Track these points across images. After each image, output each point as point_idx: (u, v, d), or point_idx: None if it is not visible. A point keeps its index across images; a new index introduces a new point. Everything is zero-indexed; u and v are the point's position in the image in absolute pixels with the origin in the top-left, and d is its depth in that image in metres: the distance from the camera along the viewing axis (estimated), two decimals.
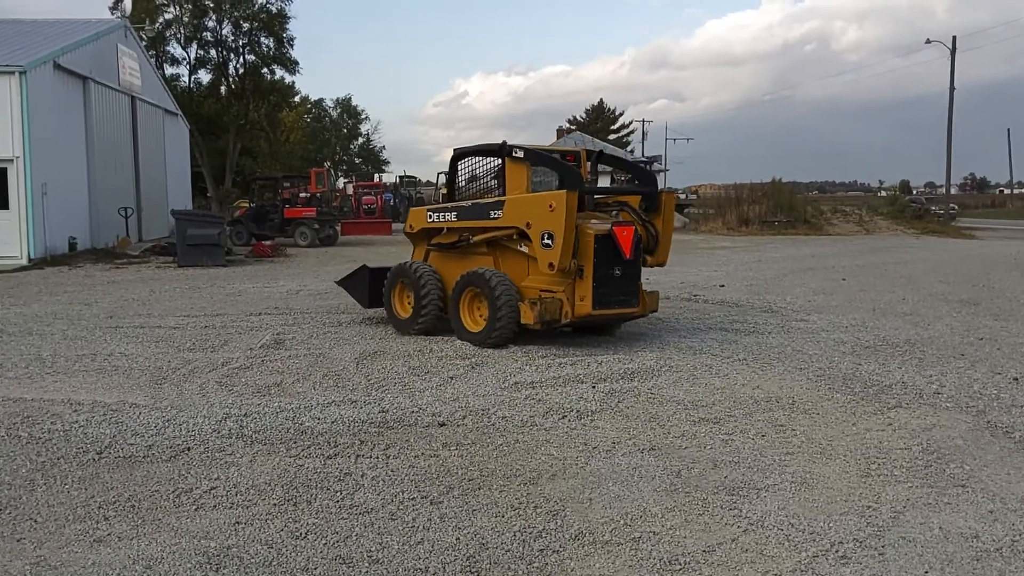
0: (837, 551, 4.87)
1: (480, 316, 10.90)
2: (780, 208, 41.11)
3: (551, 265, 10.23)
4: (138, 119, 32.98)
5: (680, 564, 4.72)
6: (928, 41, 53.48)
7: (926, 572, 4.67)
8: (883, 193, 69.23)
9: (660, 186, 11.56)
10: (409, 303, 11.69)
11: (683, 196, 66.05)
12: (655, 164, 48.71)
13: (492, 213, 10.97)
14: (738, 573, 4.66)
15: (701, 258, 24.91)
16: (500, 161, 11.43)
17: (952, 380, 9.06)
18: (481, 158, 11.87)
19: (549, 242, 10.22)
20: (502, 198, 11.04)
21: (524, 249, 10.82)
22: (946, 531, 5.17)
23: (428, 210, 11.73)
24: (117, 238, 28.47)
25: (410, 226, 11.93)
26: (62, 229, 25.25)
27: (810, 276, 19.43)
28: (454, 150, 12.24)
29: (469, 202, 11.36)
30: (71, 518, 5.34)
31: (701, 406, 7.95)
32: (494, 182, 11.65)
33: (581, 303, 10.46)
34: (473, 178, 11.98)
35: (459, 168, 12.14)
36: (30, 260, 23.26)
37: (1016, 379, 9.17)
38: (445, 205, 11.61)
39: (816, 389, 8.64)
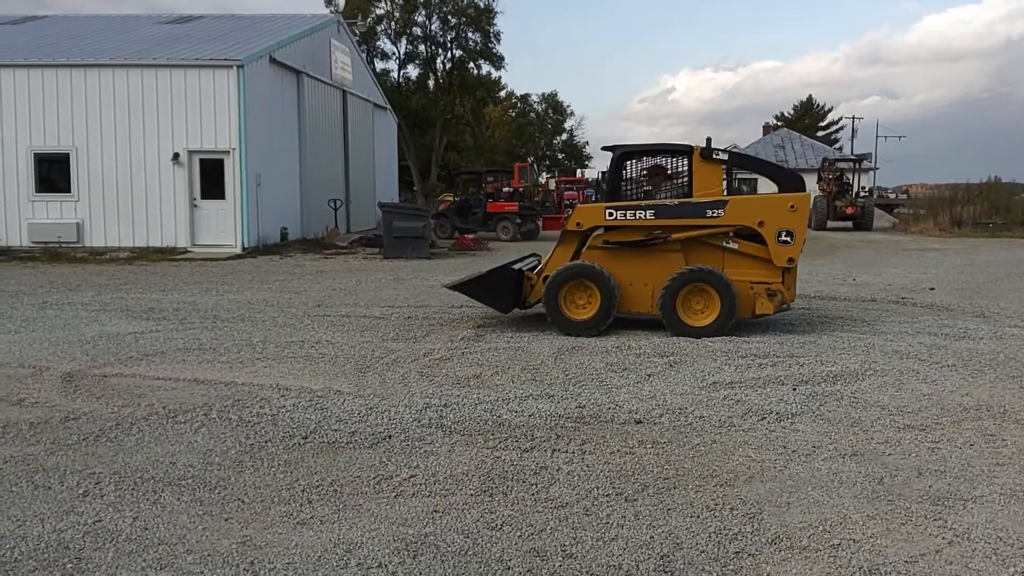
0: None
1: (700, 311, 11.32)
2: (996, 209, 39.31)
3: (791, 259, 11.38)
4: (348, 113, 34.22)
5: (881, 573, 4.56)
6: None
7: None
8: None
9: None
10: (583, 304, 11.56)
11: (892, 195, 64.03)
12: (864, 162, 47.18)
13: (710, 212, 11.40)
14: None
15: (910, 260, 23.98)
16: (681, 160, 11.87)
17: None
18: (648, 158, 12.17)
19: (788, 239, 11.34)
20: (723, 197, 11.45)
21: (733, 246, 11.50)
22: None
23: (607, 208, 11.65)
24: (326, 229, 29.66)
25: (577, 223, 11.79)
26: (274, 219, 26.53)
27: None
28: (618, 148, 12.20)
29: (675, 201, 11.52)
30: (276, 500, 5.52)
31: (906, 412, 7.66)
32: (667, 182, 11.98)
33: (789, 291, 11.57)
34: (649, 176, 12.10)
35: (624, 167, 12.18)
36: (244, 248, 24.54)
37: None
38: (637, 203, 11.60)
39: None
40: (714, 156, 11.60)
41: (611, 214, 11.62)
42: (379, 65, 63.40)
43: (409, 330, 11.70)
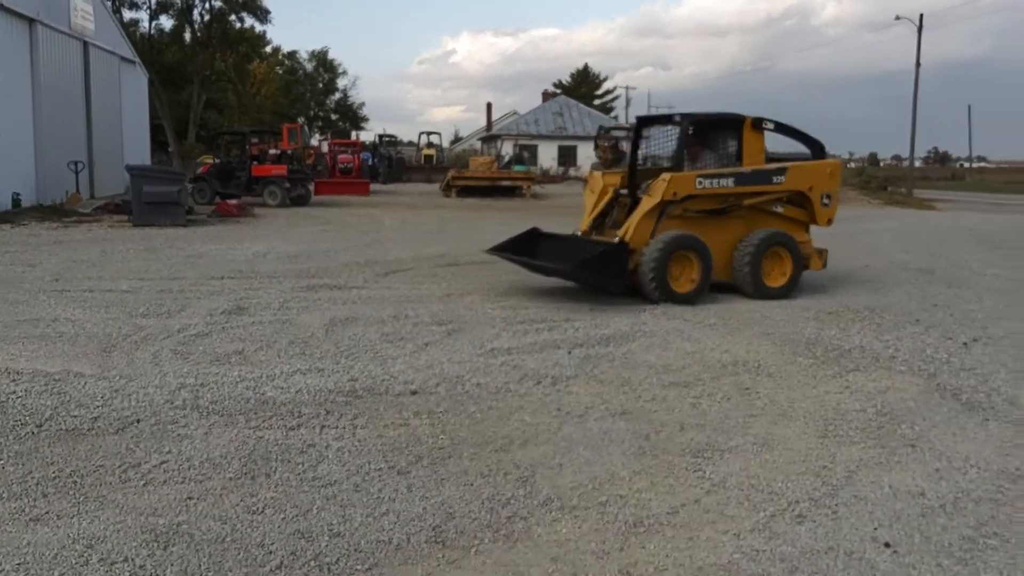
0: (794, 510, 5.36)
1: (769, 273, 12.61)
2: None
3: (829, 220, 13.21)
4: (91, 66, 32.78)
5: (644, 526, 5.08)
6: (897, 18, 56.53)
7: (875, 528, 5.14)
8: (852, 164, 77.62)
9: None
10: (677, 276, 12.03)
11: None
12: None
13: (775, 178, 12.76)
14: (699, 534, 5.02)
15: None
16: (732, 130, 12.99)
17: (907, 345, 9.86)
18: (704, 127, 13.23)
19: (828, 201, 13.12)
20: (784, 164, 13.01)
21: (780, 210, 13.01)
22: (895, 489, 5.72)
23: (698, 176, 12.25)
24: (66, 194, 28.32)
25: (674, 193, 12.10)
26: (4, 184, 25.06)
27: None
28: (689, 117, 12.97)
29: (750, 169, 12.51)
30: (5, 496, 5.32)
31: (672, 370, 8.52)
32: (728, 149, 13.10)
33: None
34: (710, 145, 13.13)
35: (693, 136, 12.93)
36: None
37: (966, 344, 9.97)
38: (721, 171, 12.47)
39: (781, 353, 9.32)
40: (763, 126, 12.85)
41: (700, 183, 12.20)
42: (127, 15, 61.07)
43: (162, 304, 11.35)
